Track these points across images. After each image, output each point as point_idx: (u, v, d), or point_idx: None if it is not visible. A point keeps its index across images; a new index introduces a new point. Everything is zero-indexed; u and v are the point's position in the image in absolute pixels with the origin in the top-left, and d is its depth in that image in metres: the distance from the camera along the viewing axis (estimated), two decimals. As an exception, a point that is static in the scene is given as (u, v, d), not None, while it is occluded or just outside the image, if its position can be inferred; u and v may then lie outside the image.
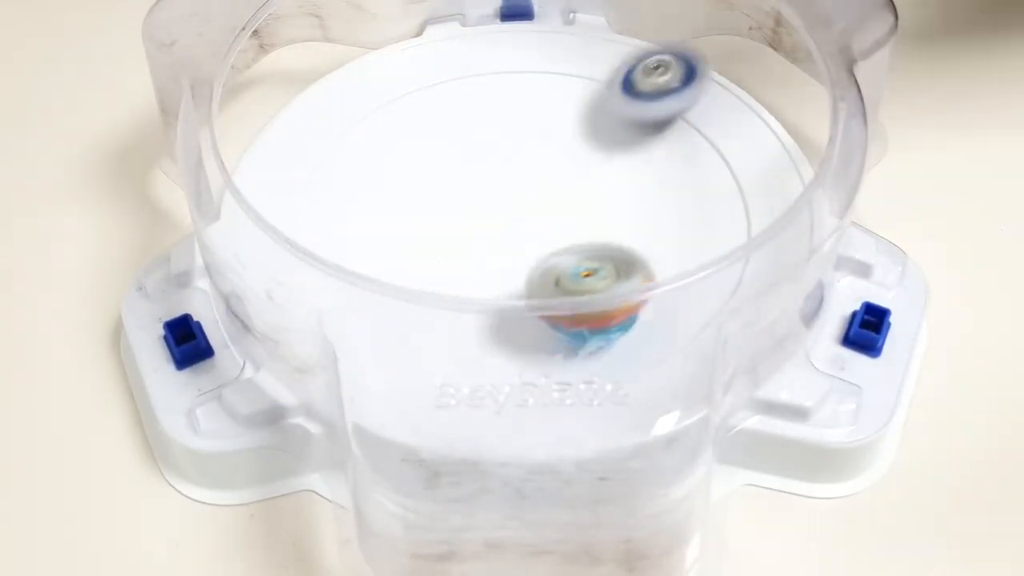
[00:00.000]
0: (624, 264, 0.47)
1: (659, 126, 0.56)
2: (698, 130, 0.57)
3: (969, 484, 0.50)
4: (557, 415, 0.45)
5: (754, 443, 0.49)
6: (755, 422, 0.49)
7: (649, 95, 0.56)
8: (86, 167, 0.61)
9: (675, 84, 0.56)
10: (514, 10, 0.61)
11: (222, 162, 0.49)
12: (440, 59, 0.60)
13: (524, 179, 0.55)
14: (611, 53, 0.60)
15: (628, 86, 0.56)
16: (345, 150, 0.56)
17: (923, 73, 0.63)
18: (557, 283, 0.47)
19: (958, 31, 0.67)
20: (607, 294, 0.46)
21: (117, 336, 0.54)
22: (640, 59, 0.57)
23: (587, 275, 0.47)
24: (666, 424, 0.44)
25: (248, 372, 0.50)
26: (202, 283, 0.53)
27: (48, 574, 0.49)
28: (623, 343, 0.47)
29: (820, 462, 0.50)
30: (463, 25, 0.61)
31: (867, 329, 0.51)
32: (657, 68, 0.56)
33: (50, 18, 0.68)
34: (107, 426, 0.52)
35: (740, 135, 0.56)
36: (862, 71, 0.51)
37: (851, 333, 0.51)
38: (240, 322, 0.50)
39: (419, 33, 0.61)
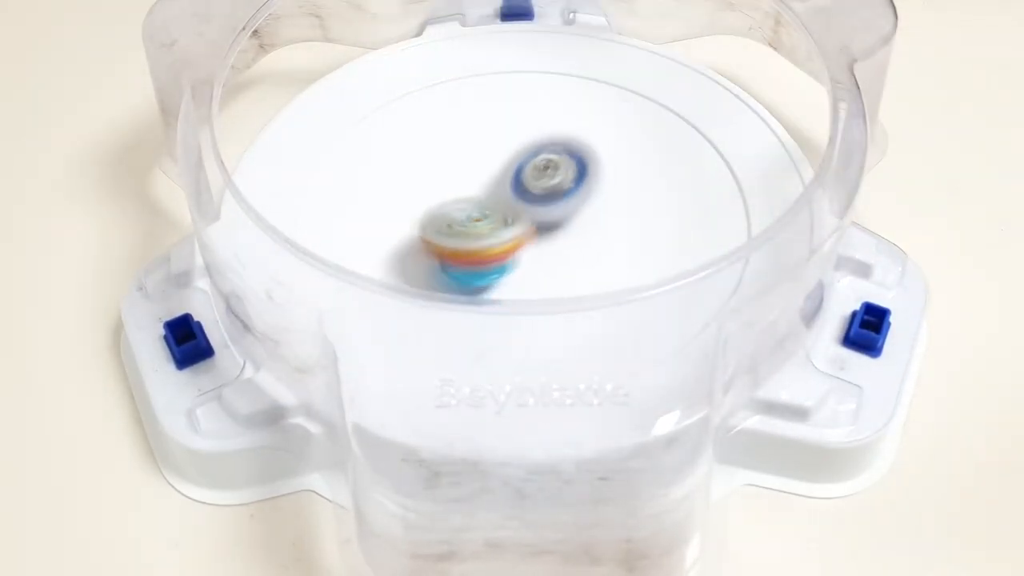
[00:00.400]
0: (510, 215, 0.50)
1: (550, 227, 0.53)
2: (698, 130, 0.57)
3: (969, 484, 0.50)
4: (557, 415, 0.45)
5: (754, 443, 0.49)
6: (755, 422, 0.49)
7: (539, 197, 0.53)
8: (86, 167, 0.61)
9: (567, 185, 0.53)
10: (514, 10, 0.62)
11: (222, 162, 0.49)
12: (440, 59, 0.60)
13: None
14: (611, 53, 0.60)
15: (518, 187, 0.53)
16: (345, 150, 0.56)
17: (924, 73, 0.64)
18: (449, 227, 0.50)
19: (959, 31, 0.67)
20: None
21: (117, 336, 0.54)
22: (529, 156, 0.54)
23: (477, 220, 0.50)
24: (666, 424, 0.44)
25: (248, 372, 0.50)
26: (202, 283, 0.53)
27: (48, 573, 0.49)
28: (623, 342, 0.47)
29: (820, 462, 0.50)
30: (463, 25, 0.61)
31: (867, 329, 0.51)
32: (547, 168, 0.53)
33: (50, 18, 0.68)
34: (107, 426, 0.52)
35: (740, 135, 0.56)
36: (862, 71, 0.51)
37: (851, 333, 0.51)
38: (240, 322, 0.50)
39: (419, 33, 0.61)
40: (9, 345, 0.55)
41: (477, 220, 0.50)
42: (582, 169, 0.53)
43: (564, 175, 0.53)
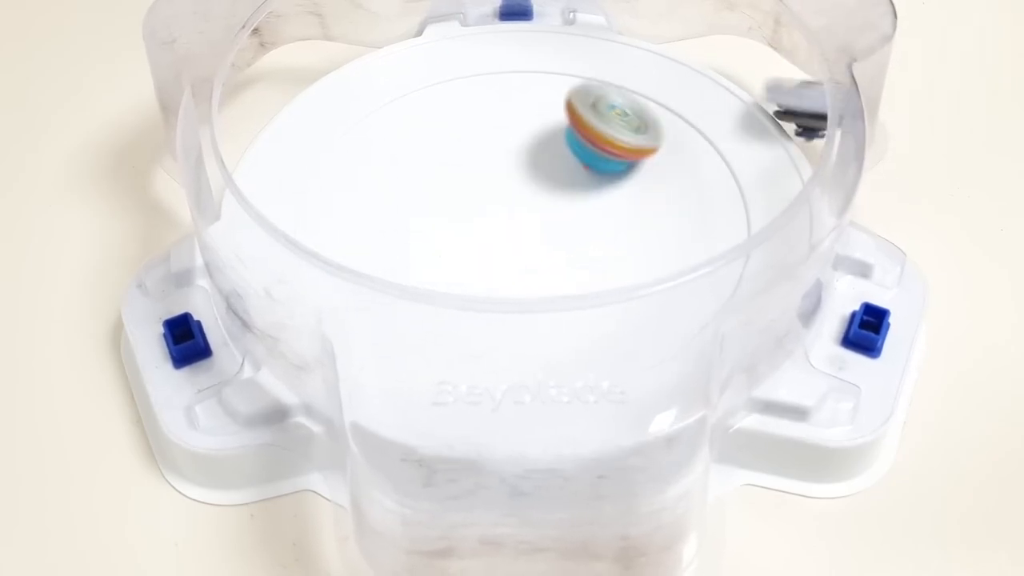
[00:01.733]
0: (650, 126, 0.55)
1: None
2: (698, 130, 0.57)
3: (968, 484, 0.50)
4: (554, 413, 0.45)
5: (753, 442, 0.49)
6: (754, 421, 0.49)
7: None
8: (87, 166, 0.61)
9: None
10: (513, 9, 0.62)
11: (222, 161, 0.49)
12: (440, 59, 0.60)
13: (523, 179, 0.55)
14: (611, 53, 0.60)
15: None
16: (345, 149, 0.56)
17: (924, 73, 0.64)
18: (594, 105, 0.54)
19: (959, 31, 0.67)
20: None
21: (117, 334, 0.54)
22: None
23: (619, 113, 0.54)
24: (663, 422, 0.44)
25: (247, 371, 0.50)
26: (202, 281, 0.53)
27: (48, 573, 0.49)
28: (620, 340, 0.47)
29: (819, 462, 0.50)
30: (463, 25, 0.61)
31: (866, 330, 0.51)
32: None
33: (51, 17, 0.68)
34: (107, 425, 0.52)
35: (740, 135, 0.56)
36: (862, 71, 0.51)
37: (850, 333, 0.51)
38: (240, 320, 0.50)
39: (419, 32, 0.61)
40: (9, 343, 0.55)
41: (619, 113, 0.54)
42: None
43: None
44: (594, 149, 0.54)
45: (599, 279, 0.51)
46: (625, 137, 0.54)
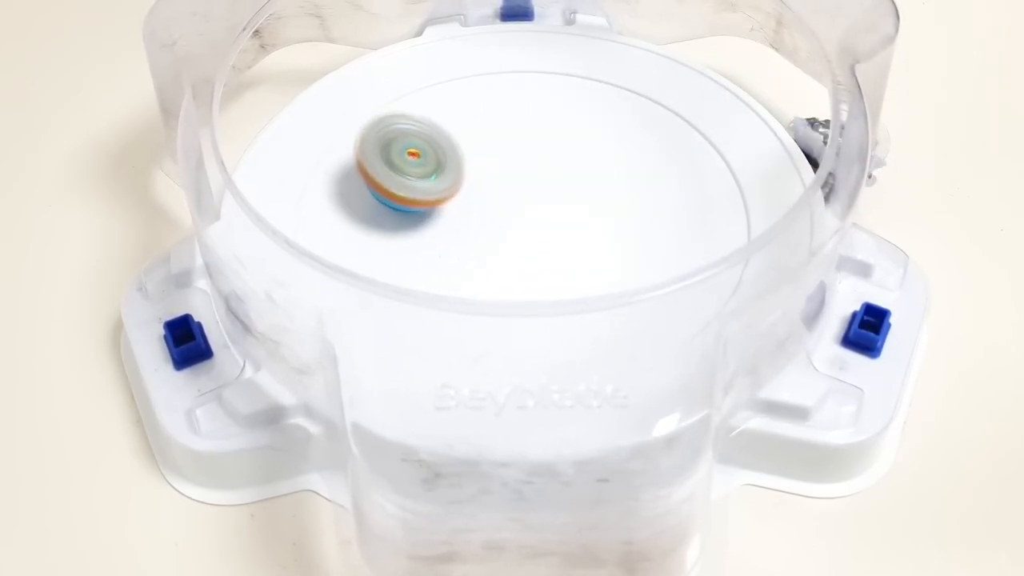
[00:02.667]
0: (447, 159, 0.53)
1: None
2: (698, 130, 0.57)
3: (969, 484, 0.50)
4: (557, 417, 0.45)
5: (755, 443, 0.49)
6: (756, 423, 0.49)
7: None
8: (87, 167, 0.61)
9: None
10: (514, 10, 0.62)
11: (222, 162, 0.49)
12: (440, 59, 0.60)
13: (524, 179, 0.55)
14: (611, 53, 0.60)
15: None
16: (345, 150, 0.56)
17: (925, 74, 0.64)
18: (387, 147, 0.53)
19: (959, 31, 0.67)
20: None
21: (117, 336, 0.54)
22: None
23: (412, 154, 0.53)
24: (666, 425, 0.44)
25: (248, 372, 0.50)
26: (202, 283, 0.53)
27: (48, 573, 0.49)
28: (622, 344, 0.47)
29: (821, 462, 0.50)
30: (463, 25, 0.61)
31: (866, 330, 0.51)
32: None
33: (51, 18, 0.68)
34: (107, 426, 0.52)
35: (740, 135, 0.56)
36: (864, 72, 0.51)
37: (850, 334, 0.51)
38: (240, 322, 0.50)
39: (419, 33, 0.61)
40: (10, 344, 0.55)
41: (413, 154, 0.53)
42: None
43: None
44: (392, 202, 0.53)
45: (600, 281, 0.51)
46: (418, 193, 0.52)
